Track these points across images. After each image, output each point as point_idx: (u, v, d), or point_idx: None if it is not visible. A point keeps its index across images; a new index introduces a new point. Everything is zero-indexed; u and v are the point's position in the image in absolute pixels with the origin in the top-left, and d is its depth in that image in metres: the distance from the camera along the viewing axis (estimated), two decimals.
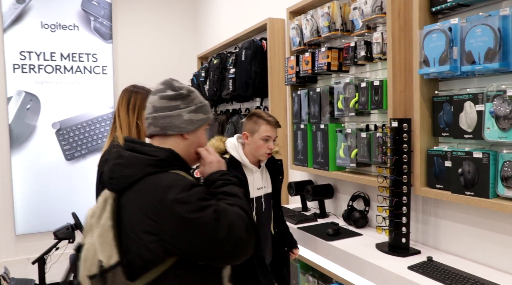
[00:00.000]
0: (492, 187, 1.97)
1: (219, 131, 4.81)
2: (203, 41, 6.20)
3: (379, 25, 2.61)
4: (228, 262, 1.46)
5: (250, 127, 2.37)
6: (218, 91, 4.68)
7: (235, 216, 1.37)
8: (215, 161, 1.59)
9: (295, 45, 3.39)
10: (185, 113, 1.52)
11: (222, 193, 1.48)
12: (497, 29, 1.87)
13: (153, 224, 1.32)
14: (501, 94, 1.91)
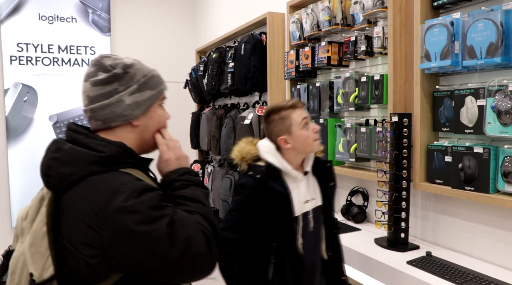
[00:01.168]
0: (492, 182, 1.96)
1: (217, 126, 4.79)
2: (202, 35, 6.17)
3: (380, 19, 2.60)
4: (184, 281, 1.23)
5: (282, 127, 1.90)
6: (216, 85, 4.66)
7: (193, 229, 1.15)
8: (172, 158, 1.34)
9: (295, 39, 3.38)
10: (126, 96, 1.26)
11: (180, 197, 1.25)
12: (499, 23, 1.86)
13: (94, 235, 1.09)
14: (503, 89, 1.90)
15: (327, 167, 2.03)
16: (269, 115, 1.93)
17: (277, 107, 1.92)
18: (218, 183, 4.78)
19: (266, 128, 1.96)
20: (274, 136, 1.92)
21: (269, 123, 1.93)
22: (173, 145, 1.37)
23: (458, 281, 1.88)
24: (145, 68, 1.34)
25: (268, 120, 1.94)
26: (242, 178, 1.90)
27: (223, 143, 4.58)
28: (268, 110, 1.95)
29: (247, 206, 1.85)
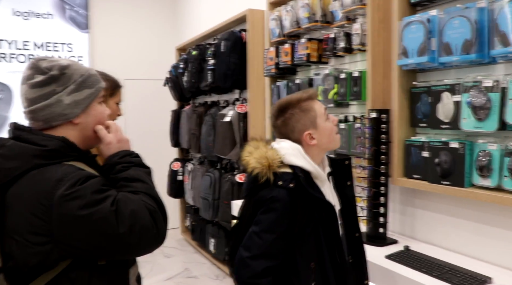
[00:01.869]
0: (467, 176, 2.00)
1: (197, 124, 4.77)
2: (182, 32, 6.14)
3: (359, 16, 2.62)
4: (135, 255, 1.31)
5: (306, 120, 1.62)
6: (196, 82, 4.64)
7: (137, 204, 1.21)
8: (114, 141, 1.38)
9: (275, 36, 3.39)
10: (64, 96, 1.30)
11: (122, 179, 1.30)
12: (473, 21, 1.90)
13: (42, 224, 1.15)
14: (477, 85, 1.94)
15: (346, 165, 1.76)
16: (285, 110, 1.63)
17: (294, 99, 1.63)
18: (199, 181, 4.77)
19: (284, 125, 1.64)
20: (297, 132, 1.62)
21: (289, 118, 1.62)
22: (115, 129, 1.41)
23: (434, 274, 1.91)
24: (82, 68, 1.36)
25: (286, 115, 1.63)
26: (268, 190, 1.53)
27: (203, 141, 4.56)
28: (282, 105, 1.64)
29: (284, 224, 1.52)
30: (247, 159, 1.58)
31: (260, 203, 1.55)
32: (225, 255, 4.38)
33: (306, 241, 1.56)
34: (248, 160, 1.57)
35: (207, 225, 4.74)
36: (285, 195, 1.52)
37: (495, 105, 1.87)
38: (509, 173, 1.83)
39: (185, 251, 5.24)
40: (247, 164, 1.57)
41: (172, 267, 4.72)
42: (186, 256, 5.10)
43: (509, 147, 1.86)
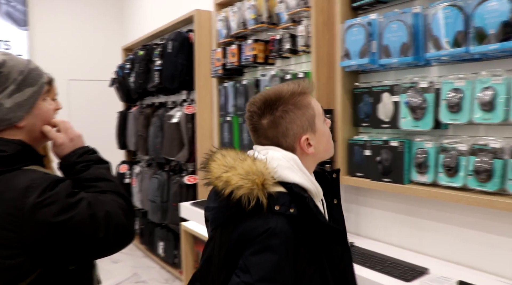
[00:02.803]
0: (407, 173, 2.09)
1: (144, 125, 4.70)
2: (128, 32, 6.04)
3: (304, 18, 2.68)
4: (110, 254, 1.24)
5: (304, 120, 1.24)
6: (143, 83, 4.58)
7: (110, 205, 1.17)
8: (66, 141, 1.28)
9: (222, 37, 3.40)
10: (4, 99, 1.16)
11: (86, 180, 1.23)
12: (409, 25, 1.99)
13: (13, 236, 1.06)
14: (414, 86, 2.03)
15: (333, 179, 1.37)
16: (274, 106, 1.22)
17: (285, 92, 1.23)
18: (147, 183, 4.70)
19: (273, 127, 1.23)
20: (292, 136, 1.23)
21: (281, 117, 1.22)
22: (64, 127, 1.31)
23: (377, 268, 1.99)
24: (20, 63, 1.23)
25: (276, 113, 1.22)
26: (261, 220, 1.12)
27: (150, 142, 4.51)
28: (270, 99, 1.23)
29: (288, 268, 1.12)
30: (227, 176, 1.14)
31: (249, 240, 1.12)
32: (174, 258, 4.34)
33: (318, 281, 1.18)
34: (229, 177, 1.14)
35: (155, 228, 4.68)
36: (286, 225, 1.12)
37: (430, 105, 1.97)
38: (443, 169, 1.93)
39: (133, 256, 5.14)
40: (227, 183, 1.13)
41: (120, 273, 4.61)
42: (134, 260, 5.01)
43: (443, 144, 1.96)
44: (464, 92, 1.86)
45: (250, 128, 1.30)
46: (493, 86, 1.76)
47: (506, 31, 1.64)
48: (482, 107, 1.78)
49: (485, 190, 1.79)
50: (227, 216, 1.18)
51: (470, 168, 1.83)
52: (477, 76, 1.83)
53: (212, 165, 1.20)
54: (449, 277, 1.87)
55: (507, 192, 1.74)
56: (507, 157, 1.75)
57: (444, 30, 1.86)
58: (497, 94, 1.74)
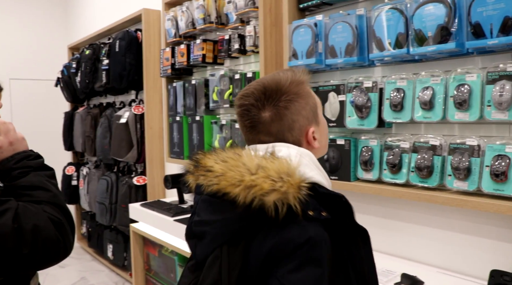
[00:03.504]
0: (353, 171, 2.14)
1: (92, 126, 4.58)
2: (74, 30, 5.86)
3: (252, 19, 2.69)
4: (38, 269, 1.17)
5: (309, 111, 1.12)
6: (90, 83, 4.46)
7: (40, 218, 1.08)
8: (5, 144, 1.20)
9: (171, 36, 3.36)
10: None
11: (21, 187, 1.14)
12: (354, 26, 2.04)
13: None
14: (359, 86, 2.09)
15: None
16: (276, 96, 1.08)
17: (285, 80, 1.10)
18: (95, 185, 4.58)
19: (277, 120, 1.07)
20: (298, 130, 1.10)
21: (286, 108, 1.08)
22: (5, 129, 1.23)
23: None
24: None
25: (280, 104, 1.07)
26: (297, 229, 0.95)
27: (98, 143, 4.40)
28: (270, 88, 1.09)
29: (328, 281, 0.95)
30: (253, 179, 0.94)
31: (286, 255, 0.93)
32: (123, 260, 4.25)
33: None
34: (256, 180, 0.94)
35: (104, 231, 4.57)
36: (323, 232, 0.97)
37: (374, 104, 2.03)
38: (387, 166, 1.99)
39: (81, 260, 5.00)
40: (254, 188, 0.93)
41: (67, 277, 4.47)
42: (82, 264, 4.87)
43: (387, 142, 2.02)
44: (405, 92, 1.92)
45: (246, 125, 1.11)
46: (432, 86, 1.83)
47: (442, 34, 1.72)
48: (422, 106, 1.85)
49: (426, 186, 1.86)
50: (237, 230, 0.98)
51: (412, 165, 1.90)
52: (417, 76, 1.91)
53: (218, 167, 0.99)
54: (393, 270, 1.94)
55: (446, 187, 1.81)
56: (445, 154, 1.82)
57: (386, 32, 1.92)
58: (435, 94, 1.82)
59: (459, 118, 1.75)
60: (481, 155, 1.71)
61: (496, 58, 1.72)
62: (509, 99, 1.59)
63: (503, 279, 1.48)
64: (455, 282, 1.81)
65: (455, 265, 1.92)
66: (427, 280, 1.81)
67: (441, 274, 1.91)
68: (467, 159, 1.72)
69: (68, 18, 6.03)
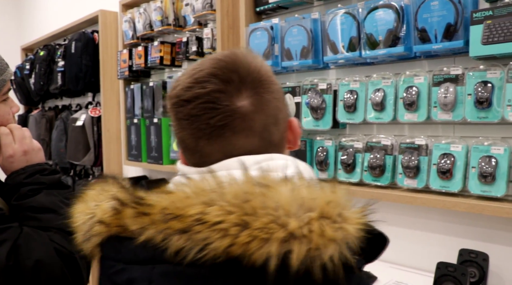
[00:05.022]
0: None
1: (47, 129, 4.47)
2: (28, 30, 5.69)
3: (210, 21, 2.71)
4: None
5: (285, 106, 0.85)
6: (45, 85, 4.35)
7: (45, 251, 0.90)
8: (18, 153, 1.04)
9: (128, 38, 3.34)
10: None
11: (28, 208, 0.98)
12: (309, 30, 2.10)
13: None
14: (314, 87, 2.14)
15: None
16: (253, 75, 0.76)
17: (252, 59, 0.80)
18: None
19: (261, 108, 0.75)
20: (283, 122, 0.81)
21: (269, 90, 0.78)
22: (20, 135, 1.07)
23: None
24: None
25: (261, 85, 0.77)
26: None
27: (54, 147, 4.29)
28: (243, 65, 0.76)
29: None
30: (299, 225, 0.59)
31: None
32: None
33: None
34: (310, 226, 0.59)
35: None
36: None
37: (329, 105, 2.09)
38: (342, 166, 2.05)
39: None
40: (311, 241, 0.58)
41: None
42: None
43: (342, 143, 2.09)
44: (358, 94, 1.99)
45: (209, 126, 0.72)
46: (383, 88, 1.91)
47: (392, 38, 1.79)
48: (374, 107, 1.92)
49: (378, 184, 1.94)
50: None
51: (365, 164, 1.97)
52: (369, 78, 1.98)
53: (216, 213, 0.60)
54: None
55: (397, 185, 1.89)
56: (396, 153, 1.90)
57: (340, 35, 1.99)
58: (386, 96, 1.89)
59: (408, 118, 1.83)
60: (429, 154, 1.79)
61: (441, 61, 1.81)
62: (452, 100, 1.68)
63: (448, 270, 1.57)
64: (406, 276, 1.88)
65: (406, 260, 2.00)
66: (380, 275, 1.87)
67: (393, 269, 1.98)
68: (416, 158, 1.80)
69: (21, 17, 5.86)
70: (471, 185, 1.66)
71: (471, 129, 1.76)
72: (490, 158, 1.61)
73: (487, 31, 1.53)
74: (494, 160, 1.60)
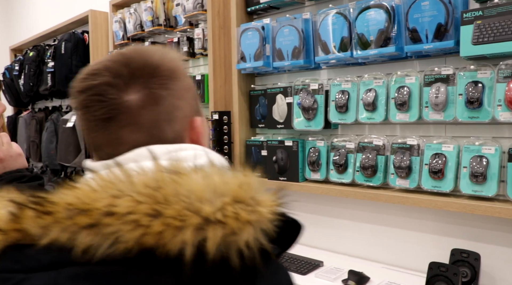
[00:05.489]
0: (301, 171, 2.19)
1: (37, 130, 4.43)
2: (17, 31, 5.64)
3: (201, 21, 2.70)
4: None
5: (192, 97, 0.80)
6: (35, 86, 4.31)
7: None
8: None
9: (119, 39, 3.31)
10: None
11: None
12: (300, 30, 2.09)
13: None
14: (306, 88, 2.14)
15: None
16: (147, 69, 0.73)
17: (154, 52, 0.77)
18: None
19: (151, 103, 0.72)
20: (181, 120, 0.76)
21: (164, 86, 0.74)
22: (4, 141, 1.02)
23: None
24: None
25: (154, 80, 0.73)
26: (281, 273, 0.70)
27: (44, 148, 4.25)
28: (136, 59, 0.74)
29: None
30: (217, 209, 0.58)
31: None
32: None
33: None
34: (224, 211, 0.58)
35: None
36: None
37: (320, 106, 2.09)
38: (334, 166, 2.05)
39: None
40: (226, 226, 0.57)
41: None
42: None
43: (334, 143, 2.08)
44: (350, 94, 1.99)
45: (97, 118, 0.72)
46: (374, 88, 1.91)
47: (383, 38, 1.79)
48: (366, 107, 1.92)
49: (371, 185, 1.93)
50: None
51: (358, 165, 1.97)
52: (361, 79, 1.97)
53: (127, 205, 0.57)
54: (341, 268, 1.99)
55: (389, 185, 1.89)
56: (388, 154, 1.90)
57: (331, 35, 1.98)
58: (378, 96, 1.89)
59: (400, 118, 1.83)
60: (421, 154, 1.79)
61: (432, 62, 1.82)
62: (444, 100, 1.68)
63: (440, 270, 1.57)
64: (398, 276, 1.88)
65: (398, 260, 2.00)
66: (372, 276, 1.87)
67: (386, 269, 1.98)
68: (408, 158, 1.80)
69: (10, 18, 5.80)
70: (463, 185, 1.66)
71: (462, 129, 1.76)
72: (481, 158, 1.61)
73: (477, 31, 1.53)
74: (485, 160, 1.61)
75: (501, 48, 1.49)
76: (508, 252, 1.69)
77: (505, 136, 1.66)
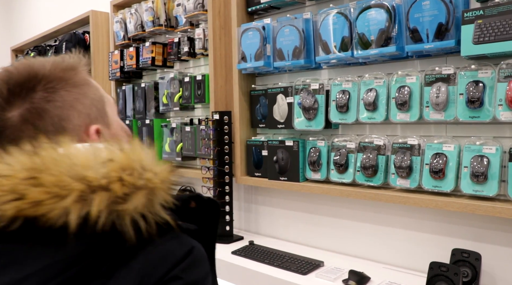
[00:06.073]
0: (301, 171, 2.19)
1: None
2: (18, 32, 5.64)
3: (201, 22, 2.70)
4: None
5: (90, 105, 0.83)
6: None
7: None
8: None
9: (119, 39, 3.31)
10: None
11: None
12: (301, 30, 2.09)
13: None
14: (306, 88, 2.13)
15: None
16: (30, 83, 0.74)
17: (43, 65, 0.78)
18: None
19: (33, 118, 0.72)
20: (72, 129, 0.76)
21: (48, 99, 0.75)
22: None
23: (276, 264, 2.05)
24: None
25: (37, 95, 0.74)
26: (176, 240, 0.67)
27: None
28: (21, 73, 0.75)
29: None
30: (102, 176, 0.59)
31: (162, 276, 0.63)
32: None
33: None
34: (108, 177, 0.60)
35: None
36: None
37: (321, 106, 2.09)
38: (335, 166, 2.04)
39: None
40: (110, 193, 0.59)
41: None
42: None
43: (334, 143, 2.08)
44: (350, 94, 1.99)
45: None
46: (375, 88, 1.90)
47: (384, 38, 1.79)
48: (366, 107, 1.92)
49: (371, 185, 1.93)
50: (72, 279, 0.58)
51: (358, 165, 1.96)
52: (361, 78, 1.97)
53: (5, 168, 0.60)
54: (341, 267, 1.98)
55: (390, 185, 1.88)
56: (389, 154, 1.90)
57: (332, 35, 1.98)
58: (379, 95, 1.89)
59: (400, 118, 1.83)
60: (421, 153, 1.79)
61: (433, 61, 1.81)
62: (444, 100, 1.67)
63: (441, 270, 1.56)
64: (399, 276, 1.87)
65: (399, 260, 2.00)
66: (373, 276, 1.87)
67: (386, 269, 1.98)
68: (408, 158, 1.80)
69: (11, 18, 5.81)
70: (464, 185, 1.66)
71: (463, 128, 1.76)
72: (482, 158, 1.61)
73: (478, 31, 1.53)
74: (486, 159, 1.60)
75: (502, 48, 1.49)
76: (509, 252, 1.69)
77: (506, 136, 1.65)
